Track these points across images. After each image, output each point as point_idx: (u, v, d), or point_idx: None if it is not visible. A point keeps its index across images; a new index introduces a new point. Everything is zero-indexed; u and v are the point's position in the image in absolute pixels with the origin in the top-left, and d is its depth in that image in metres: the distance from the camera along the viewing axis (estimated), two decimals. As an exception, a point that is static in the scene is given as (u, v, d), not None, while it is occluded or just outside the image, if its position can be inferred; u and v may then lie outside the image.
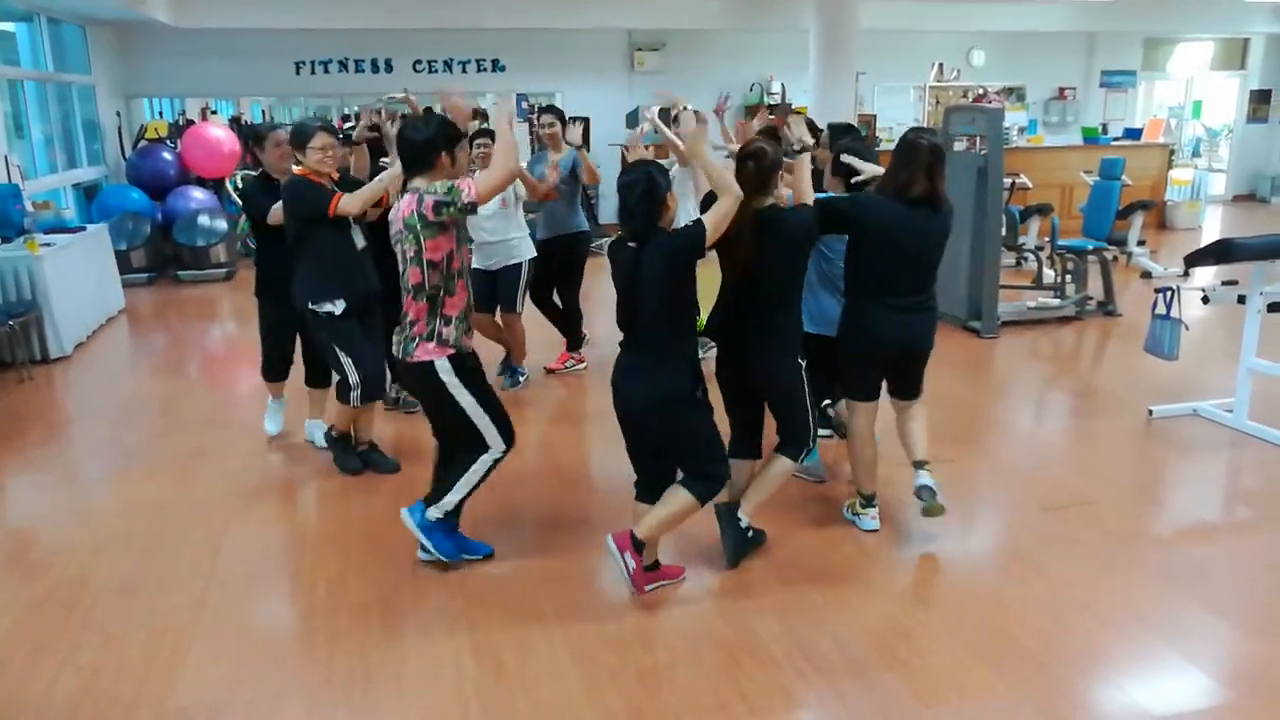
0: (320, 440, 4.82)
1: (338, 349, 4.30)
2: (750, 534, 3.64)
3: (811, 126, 4.29)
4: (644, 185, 3.11)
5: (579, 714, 2.80)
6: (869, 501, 3.92)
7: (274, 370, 4.96)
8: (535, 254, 5.69)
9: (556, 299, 6.17)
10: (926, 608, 3.37)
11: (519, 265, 5.61)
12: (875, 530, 3.90)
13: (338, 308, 4.24)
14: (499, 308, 5.70)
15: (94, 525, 4.14)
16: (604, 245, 3.81)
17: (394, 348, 3.48)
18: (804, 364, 3.53)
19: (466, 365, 3.43)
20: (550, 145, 5.85)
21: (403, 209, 3.28)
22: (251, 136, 4.86)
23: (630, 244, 3.19)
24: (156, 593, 3.53)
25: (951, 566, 3.73)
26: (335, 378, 4.44)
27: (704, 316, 3.65)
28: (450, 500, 3.52)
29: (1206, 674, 2.97)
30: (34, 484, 4.71)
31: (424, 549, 3.59)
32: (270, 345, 4.91)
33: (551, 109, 5.96)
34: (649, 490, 3.41)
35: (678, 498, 3.29)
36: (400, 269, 3.37)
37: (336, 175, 4.30)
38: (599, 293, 7.72)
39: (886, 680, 2.94)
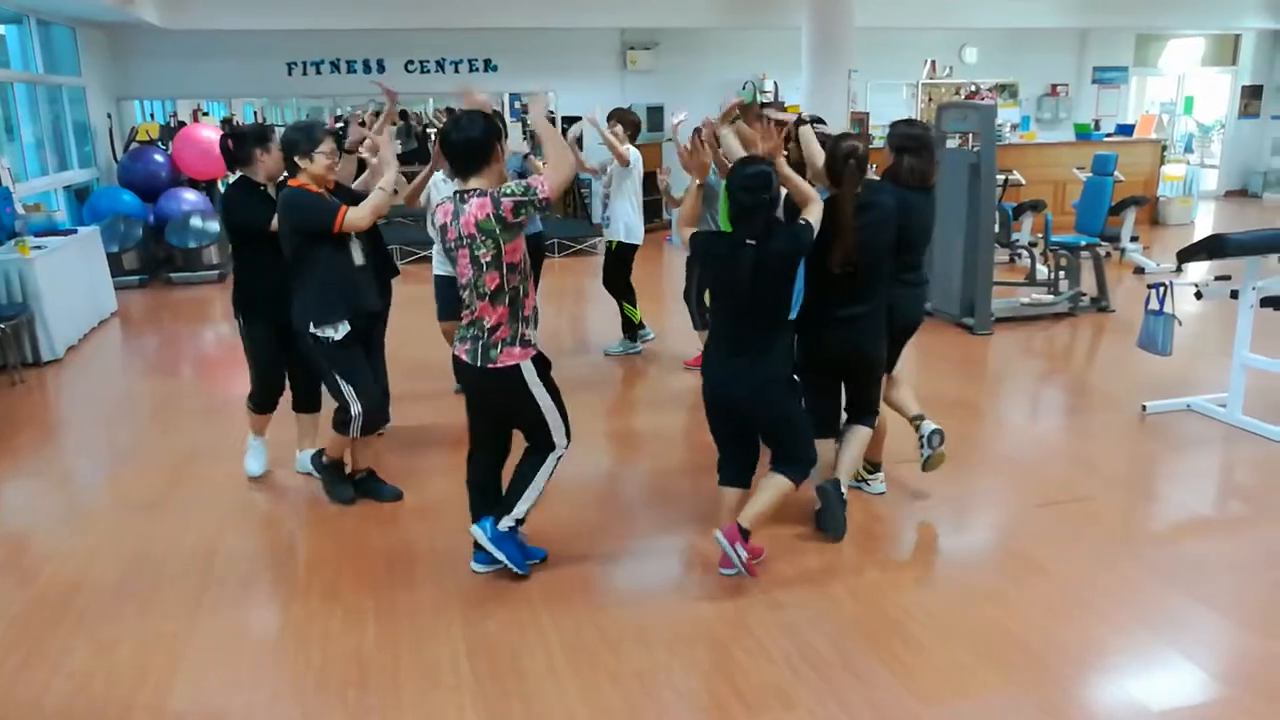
0: (312, 468, 4.45)
1: (339, 377, 3.98)
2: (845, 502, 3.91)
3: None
4: (768, 183, 3.23)
5: (575, 715, 2.79)
6: (875, 468, 4.20)
7: (267, 401, 4.47)
8: None
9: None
10: (923, 605, 3.36)
11: None
12: (883, 493, 4.19)
13: (340, 332, 3.90)
14: (440, 316, 5.51)
15: (86, 529, 4.12)
16: (597, 245, 3.81)
17: (466, 355, 3.25)
18: None
19: (544, 363, 3.34)
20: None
21: (473, 212, 3.09)
22: (249, 136, 4.18)
23: (749, 241, 3.24)
24: (150, 596, 3.51)
25: (947, 563, 3.73)
26: (332, 403, 4.13)
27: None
28: (522, 508, 3.42)
29: (1203, 669, 2.97)
30: (26, 488, 4.69)
31: (482, 560, 3.53)
32: (263, 373, 4.41)
33: (495, 113, 5.87)
34: (735, 475, 3.57)
35: (775, 483, 3.42)
36: (469, 275, 3.17)
37: (332, 185, 4.02)
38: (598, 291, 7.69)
39: (883, 678, 2.93)
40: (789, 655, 3.05)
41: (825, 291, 3.51)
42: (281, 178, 4.12)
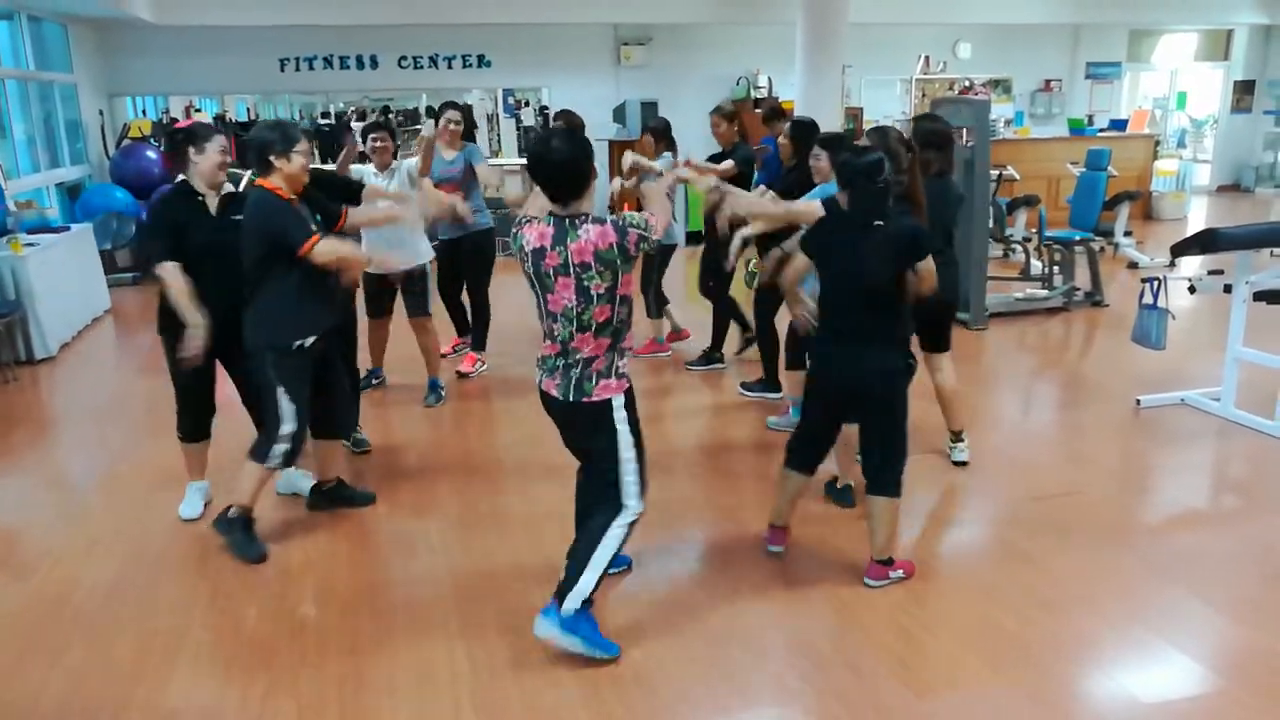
0: (300, 487, 4.21)
1: (283, 392, 3.62)
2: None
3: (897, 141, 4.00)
4: (882, 167, 3.22)
5: (575, 714, 2.79)
6: (958, 436, 4.52)
7: (200, 427, 4.06)
8: (433, 254, 5.49)
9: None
10: (919, 600, 3.37)
11: (424, 266, 5.39)
12: (965, 463, 4.48)
13: (307, 342, 3.66)
14: (409, 313, 5.43)
15: (81, 526, 4.11)
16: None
17: (557, 391, 2.98)
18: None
19: (633, 400, 3.06)
20: (450, 143, 5.60)
21: (592, 240, 2.80)
22: (181, 135, 3.79)
23: (875, 224, 3.25)
24: (145, 593, 3.51)
25: (942, 558, 3.73)
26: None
27: None
28: (587, 583, 2.96)
29: (1196, 661, 2.98)
30: (20, 485, 4.68)
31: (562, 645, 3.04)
32: (192, 398, 3.98)
33: (455, 105, 5.77)
34: (805, 462, 3.57)
35: (883, 505, 3.40)
36: (570, 305, 2.86)
37: (302, 188, 3.69)
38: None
39: (880, 673, 2.94)
40: (788, 652, 3.06)
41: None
42: (226, 187, 3.86)
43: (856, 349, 3.35)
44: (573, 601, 2.94)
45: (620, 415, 2.98)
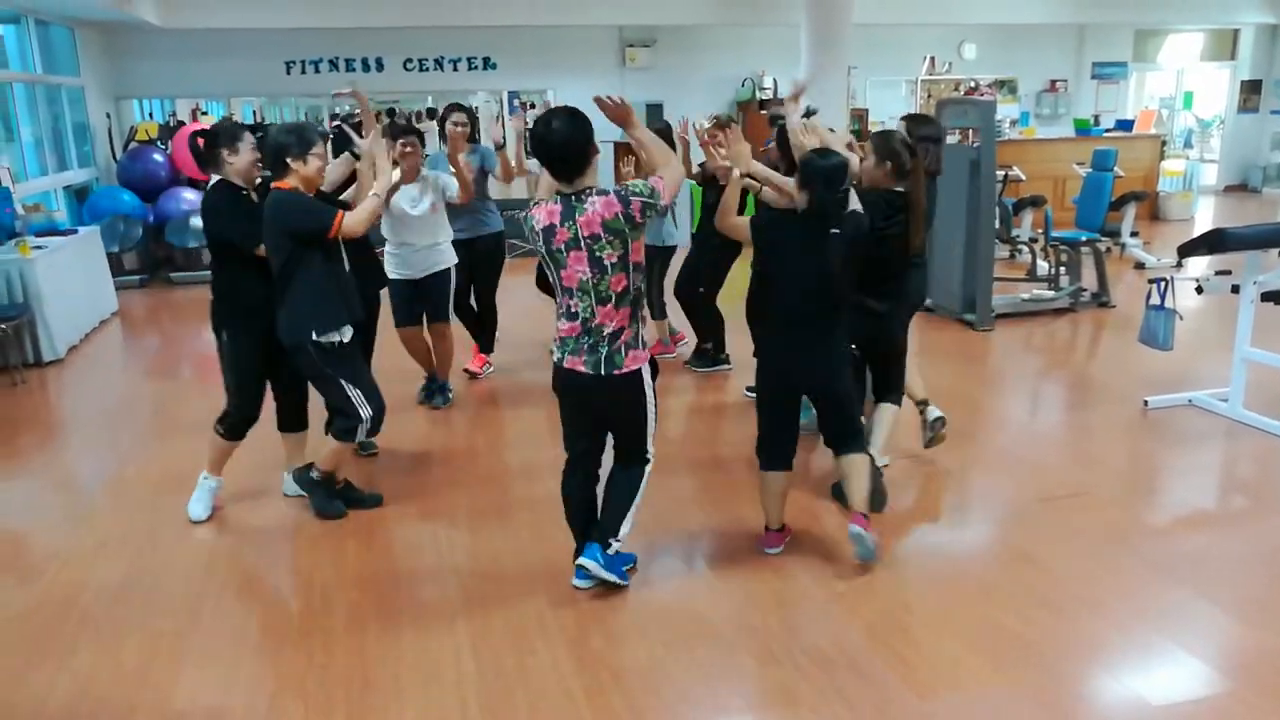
0: (297, 486, 4.20)
1: (345, 383, 3.81)
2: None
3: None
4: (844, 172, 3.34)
5: (580, 713, 2.79)
6: (925, 403, 4.49)
7: (241, 428, 4.10)
8: (457, 259, 5.44)
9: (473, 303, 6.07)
10: (923, 600, 3.37)
11: (447, 271, 5.35)
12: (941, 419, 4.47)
13: (346, 335, 3.77)
14: (427, 319, 5.40)
15: (89, 528, 4.12)
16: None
17: (586, 366, 3.09)
18: None
19: (655, 366, 3.27)
20: (455, 146, 5.50)
21: (599, 211, 2.95)
22: (215, 136, 3.87)
23: (834, 230, 3.33)
24: (152, 595, 3.52)
25: (947, 558, 3.73)
26: (322, 416, 4.01)
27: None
28: (625, 527, 3.33)
29: (1204, 663, 2.97)
30: (28, 487, 4.69)
31: (584, 578, 3.40)
32: (245, 395, 4.03)
33: (461, 107, 5.71)
34: (780, 460, 3.61)
35: (858, 462, 3.57)
36: (585, 278, 3.00)
37: (317, 190, 3.83)
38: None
39: (883, 674, 2.94)
40: (790, 652, 3.06)
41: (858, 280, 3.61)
42: (260, 180, 3.89)
43: (804, 344, 3.43)
44: (617, 544, 3.32)
45: (648, 383, 3.19)
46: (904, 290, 4.02)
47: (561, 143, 2.98)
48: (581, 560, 3.33)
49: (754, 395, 5.53)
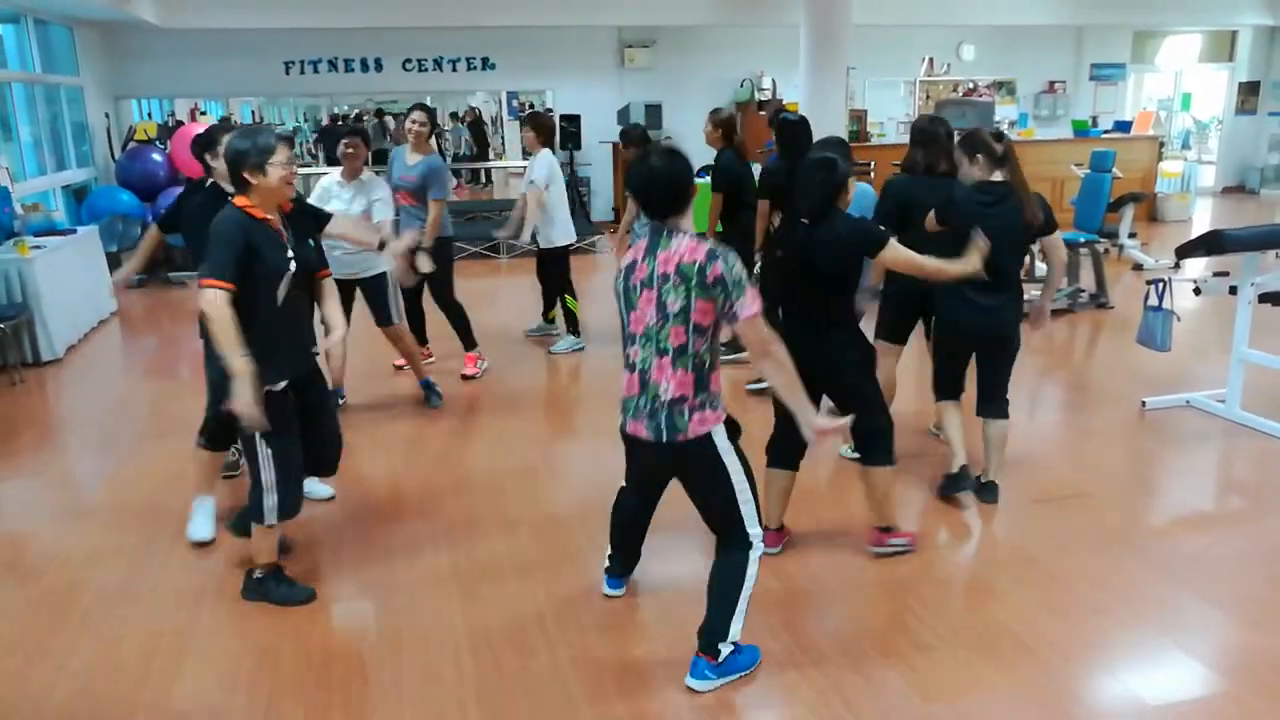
0: (323, 490, 4.12)
1: (260, 439, 3.17)
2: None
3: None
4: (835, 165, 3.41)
5: (579, 715, 2.79)
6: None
7: (221, 435, 3.81)
8: (390, 264, 5.23)
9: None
10: (924, 602, 3.37)
11: (383, 274, 5.28)
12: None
13: (279, 386, 3.20)
14: (377, 323, 5.38)
15: (88, 529, 4.12)
16: (596, 243, 3.80)
17: (648, 432, 2.75)
18: None
19: (735, 428, 2.85)
20: (415, 145, 5.49)
21: (680, 250, 2.65)
22: (197, 141, 3.67)
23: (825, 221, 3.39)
24: (151, 596, 3.52)
25: (948, 560, 3.73)
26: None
27: None
28: (736, 628, 2.86)
29: (1202, 663, 2.98)
30: (27, 487, 4.69)
31: (614, 586, 3.38)
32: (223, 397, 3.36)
33: (423, 107, 5.65)
34: (787, 459, 3.66)
35: (878, 475, 3.57)
36: (650, 324, 2.71)
37: (289, 204, 3.32)
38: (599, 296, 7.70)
39: (886, 676, 2.94)
40: (792, 653, 3.06)
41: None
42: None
43: (815, 336, 3.43)
44: (726, 648, 2.87)
45: (724, 445, 2.77)
46: (1014, 282, 3.98)
47: (667, 177, 2.70)
48: (689, 683, 2.88)
49: (757, 390, 5.56)
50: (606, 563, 3.44)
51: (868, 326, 3.84)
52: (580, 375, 6.33)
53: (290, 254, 3.20)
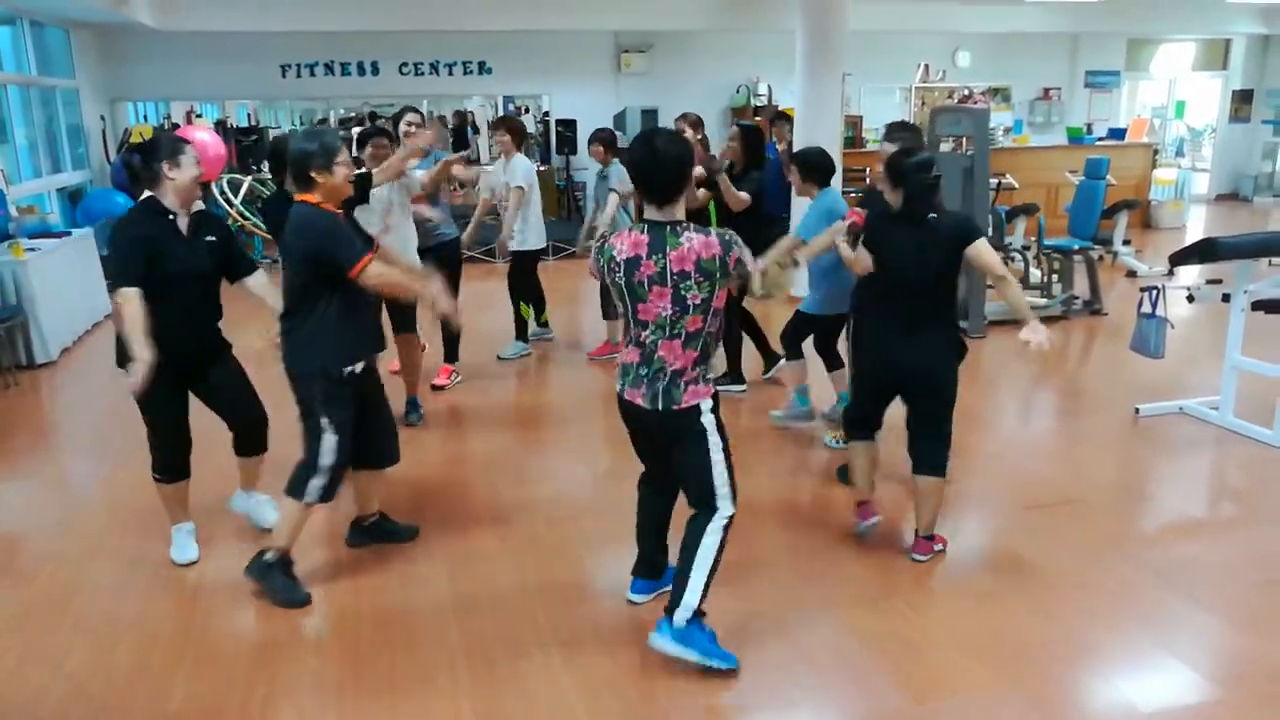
0: (260, 516, 3.97)
1: (327, 421, 3.34)
2: None
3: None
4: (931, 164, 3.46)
5: (575, 717, 2.80)
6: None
7: (179, 464, 3.74)
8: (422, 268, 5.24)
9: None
10: (917, 607, 3.38)
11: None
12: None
13: (357, 368, 3.42)
14: (396, 329, 5.23)
15: (82, 531, 4.12)
16: (589, 247, 3.80)
17: (644, 400, 2.88)
18: None
19: (719, 401, 3.00)
20: (412, 145, 5.52)
21: (695, 248, 2.73)
22: (159, 145, 3.48)
23: (929, 219, 3.43)
24: (146, 598, 3.51)
25: (941, 565, 3.74)
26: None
27: None
28: (693, 595, 2.90)
29: (1194, 670, 2.99)
30: (21, 489, 4.68)
31: (640, 592, 3.38)
32: (167, 434, 3.68)
33: (415, 110, 5.58)
34: (865, 432, 3.79)
35: (932, 484, 3.62)
36: (663, 314, 2.79)
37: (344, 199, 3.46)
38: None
39: (879, 680, 2.95)
40: (785, 657, 3.07)
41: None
42: (199, 206, 3.60)
43: (911, 336, 3.49)
44: (682, 614, 2.92)
45: (709, 418, 2.90)
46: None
47: (669, 161, 2.76)
48: (651, 640, 3.00)
49: (780, 423, 5.46)
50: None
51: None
52: (578, 380, 6.32)
53: (360, 246, 3.32)
